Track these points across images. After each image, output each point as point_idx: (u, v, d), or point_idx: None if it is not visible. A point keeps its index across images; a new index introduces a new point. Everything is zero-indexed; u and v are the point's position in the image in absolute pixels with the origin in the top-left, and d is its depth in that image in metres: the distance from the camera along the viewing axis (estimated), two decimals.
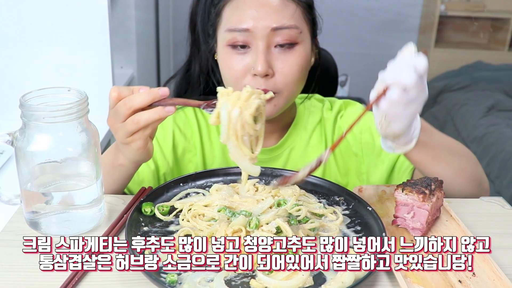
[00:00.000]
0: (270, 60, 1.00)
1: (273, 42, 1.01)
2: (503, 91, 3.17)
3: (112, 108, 0.83)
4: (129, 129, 0.81)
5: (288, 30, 1.00)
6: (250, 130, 0.76)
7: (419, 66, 0.76)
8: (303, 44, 1.04)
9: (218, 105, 0.76)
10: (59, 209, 0.84)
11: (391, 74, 0.78)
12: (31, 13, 1.51)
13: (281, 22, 0.99)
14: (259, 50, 0.99)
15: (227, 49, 1.03)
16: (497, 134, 2.65)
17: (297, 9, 1.02)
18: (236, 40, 1.01)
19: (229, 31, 1.02)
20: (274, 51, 1.01)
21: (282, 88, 1.02)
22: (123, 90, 0.82)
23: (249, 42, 1.01)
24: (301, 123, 1.19)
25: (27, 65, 1.57)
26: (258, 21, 0.99)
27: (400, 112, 0.81)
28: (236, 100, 0.75)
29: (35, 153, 0.80)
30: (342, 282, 0.69)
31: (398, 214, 0.87)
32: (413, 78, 0.76)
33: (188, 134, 1.17)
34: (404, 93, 0.77)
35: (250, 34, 1.00)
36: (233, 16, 1.02)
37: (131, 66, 2.28)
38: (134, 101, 0.80)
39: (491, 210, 0.98)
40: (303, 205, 0.88)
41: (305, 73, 1.07)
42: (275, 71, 1.01)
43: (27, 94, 0.79)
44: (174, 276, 0.69)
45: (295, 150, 1.17)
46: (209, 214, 0.85)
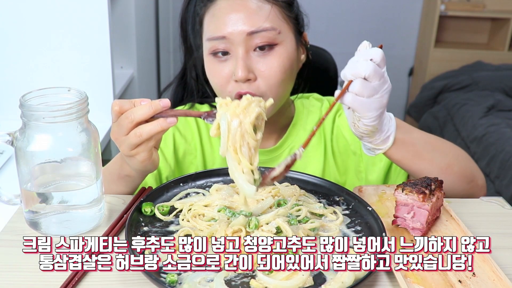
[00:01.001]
0: (250, 64, 1.00)
1: (252, 46, 1.00)
2: (503, 91, 3.17)
3: (114, 122, 0.84)
4: (132, 142, 0.82)
5: (265, 33, 1.00)
6: (250, 140, 0.75)
7: (374, 55, 0.82)
8: (284, 44, 1.03)
9: (218, 116, 0.76)
10: (59, 209, 0.84)
11: (349, 68, 0.82)
12: (31, 13, 1.51)
13: (257, 26, 0.99)
14: (238, 56, 1.00)
15: (210, 58, 1.04)
16: (497, 134, 2.65)
17: (272, 9, 1.02)
18: (216, 48, 1.02)
19: (209, 40, 1.03)
20: (253, 55, 1.01)
21: (266, 90, 1.02)
22: (125, 103, 0.83)
23: (228, 48, 1.01)
24: (300, 123, 1.20)
25: (27, 65, 1.57)
26: (234, 27, 0.99)
27: (366, 104, 0.83)
28: (235, 110, 0.75)
29: (35, 153, 0.80)
30: (342, 282, 0.69)
31: (398, 214, 0.87)
32: (370, 67, 0.80)
33: (188, 136, 1.17)
34: (365, 83, 0.81)
35: (228, 41, 1.00)
36: (211, 25, 1.03)
37: (131, 66, 2.28)
38: (136, 114, 0.80)
39: (491, 210, 0.98)
40: (303, 205, 0.88)
41: (290, 72, 1.06)
42: (256, 75, 1.01)
43: (27, 94, 0.79)
44: (174, 276, 0.69)
45: (294, 150, 1.17)
46: (209, 214, 0.85)
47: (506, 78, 3.22)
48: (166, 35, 2.89)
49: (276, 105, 1.07)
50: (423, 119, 3.35)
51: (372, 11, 3.55)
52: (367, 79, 0.82)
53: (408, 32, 3.66)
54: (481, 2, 3.51)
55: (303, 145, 0.80)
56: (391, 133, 0.92)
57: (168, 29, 2.94)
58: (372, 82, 0.82)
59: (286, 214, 0.82)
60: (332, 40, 3.45)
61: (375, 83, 0.82)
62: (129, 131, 0.82)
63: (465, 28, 3.69)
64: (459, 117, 2.99)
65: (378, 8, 3.55)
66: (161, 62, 2.81)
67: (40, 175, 0.82)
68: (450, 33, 3.69)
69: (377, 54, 0.82)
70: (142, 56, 2.40)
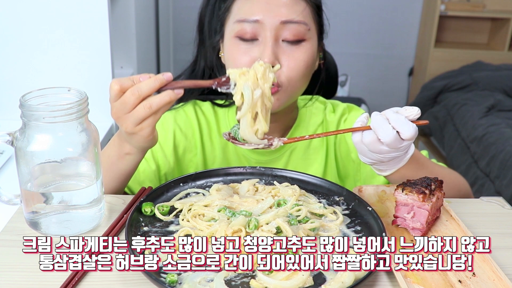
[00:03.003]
0: (277, 52, 1.02)
1: (281, 36, 1.02)
2: (503, 91, 3.17)
3: (115, 101, 0.83)
4: (140, 116, 0.82)
5: (297, 25, 1.02)
6: (267, 102, 0.84)
7: (404, 132, 0.82)
8: (310, 42, 1.05)
9: (239, 86, 0.81)
10: (59, 209, 0.84)
11: (379, 120, 0.83)
12: (31, 13, 1.51)
13: (291, 17, 1.01)
14: (267, 42, 1.01)
15: (235, 40, 1.04)
16: (497, 134, 2.65)
17: (306, 7, 1.04)
18: (245, 31, 1.02)
19: (238, 22, 1.03)
20: (281, 45, 1.02)
21: (286, 82, 1.03)
22: (124, 81, 0.83)
23: (257, 34, 1.02)
24: (303, 125, 1.20)
25: (27, 65, 1.57)
26: (268, 13, 1.00)
27: (366, 153, 0.88)
28: (255, 79, 0.81)
29: (35, 153, 0.80)
30: (342, 282, 0.69)
31: (398, 214, 0.87)
32: (390, 137, 0.82)
33: (189, 134, 1.17)
34: (376, 142, 0.84)
35: (260, 26, 1.01)
36: (243, 8, 1.03)
37: (131, 66, 2.28)
38: (142, 89, 0.81)
39: (491, 210, 0.98)
40: (303, 205, 0.88)
41: (310, 71, 1.08)
42: (281, 64, 1.02)
43: (27, 94, 0.79)
44: (174, 276, 0.69)
45: (296, 151, 1.18)
46: (209, 214, 0.85)
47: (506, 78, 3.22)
48: (166, 35, 2.89)
49: (290, 99, 1.07)
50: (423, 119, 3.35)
51: (372, 11, 3.55)
52: (381, 142, 0.83)
53: (408, 32, 3.66)
54: (481, 2, 3.51)
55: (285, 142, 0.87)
56: (397, 168, 0.92)
57: (168, 29, 2.94)
58: (383, 146, 0.84)
59: (286, 214, 0.82)
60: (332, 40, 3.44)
61: (385, 149, 0.84)
62: (135, 107, 0.82)
63: (465, 28, 3.69)
64: (459, 117, 2.99)
65: (378, 8, 3.55)
66: (161, 62, 2.81)
67: (40, 175, 0.82)
68: (450, 33, 3.69)
69: (407, 133, 0.82)
70: (142, 56, 2.40)
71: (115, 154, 0.95)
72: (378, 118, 0.84)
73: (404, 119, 0.83)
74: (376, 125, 0.83)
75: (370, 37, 3.59)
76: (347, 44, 3.54)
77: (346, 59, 3.50)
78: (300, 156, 1.18)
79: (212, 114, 1.19)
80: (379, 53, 3.64)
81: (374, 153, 0.87)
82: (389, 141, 0.82)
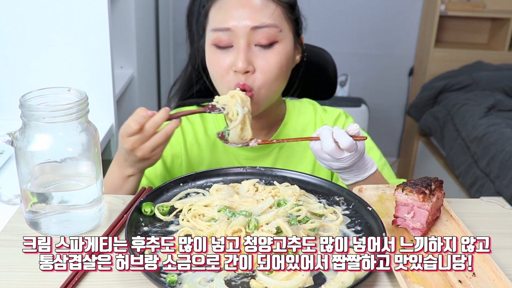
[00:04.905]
0: (251, 57, 1.06)
1: (253, 41, 1.06)
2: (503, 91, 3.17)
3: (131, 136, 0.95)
4: (157, 143, 0.96)
5: (268, 29, 1.05)
6: (249, 116, 1.02)
7: (342, 143, 0.93)
8: (283, 43, 1.08)
9: (231, 107, 0.99)
10: (59, 209, 0.84)
11: (325, 132, 0.94)
12: (31, 13, 1.51)
13: (261, 21, 1.05)
14: (240, 48, 1.05)
15: (212, 48, 1.09)
16: (497, 134, 2.65)
17: (276, 8, 1.07)
18: (220, 39, 1.07)
19: (213, 30, 1.07)
20: (254, 49, 1.06)
21: (261, 84, 1.07)
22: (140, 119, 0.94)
23: (231, 41, 1.06)
24: (291, 123, 1.23)
25: (27, 65, 1.57)
26: (239, 20, 1.04)
27: (317, 158, 0.99)
28: (241, 101, 1.00)
29: (35, 153, 0.80)
30: (342, 282, 0.69)
31: (398, 214, 0.87)
32: (330, 147, 0.93)
33: (173, 141, 1.20)
34: (321, 151, 0.96)
35: (232, 33, 1.05)
36: (217, 16, 1.07)
37: (131, 66, 2.28)
38: (158, 122, 0.95)
39: (491, 210, 0.98)
40: (303, 205, 0.88)
41: (286, 70, 1.11)
42: (255, 68, 1.06)
43: (27, 94, 0.79)
44: (174, 276, 0.69)
45: (284, 149, 1.21)
46: (209, 214, 0.85)
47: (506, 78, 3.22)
48: (166, 35, 2.89)
49: (268, 100, 1.11)
50: (423, 119, 3.35)
51: (372, 11, 3.54)
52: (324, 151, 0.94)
53: (408, 32, 3.65)
54: (481, 2, 3.51)
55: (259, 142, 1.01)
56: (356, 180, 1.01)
57: (168, 29, 2.94)
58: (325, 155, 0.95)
59: (286, 214, 0.82)
60: (331, 39, 3.45)
61: (327, 157, 0.95)
62: (151, 137, 0.95)
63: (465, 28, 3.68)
64: (459, 117, 2.99)
65: (378, 8, 3.54)
66: (161, 62, 2.80)
67: (40, 175, 0.82)
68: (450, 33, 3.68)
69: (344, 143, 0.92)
70: (142, 56, 2.40)
71: (118, 180, 1.04)
72: (324, 131, 0.95)
73: (343, 132, 0.93)
74: (321, 136, 0.95)
75: (370, 37, 3.58)
76: (347, 44, 3.54)
77: (346, 59, 3.50)
78: (289, 153, 1.21)
79: (198, 117, 1.24)
80: (379, 53, 3.63)
81: (323, 160, 0.97)
82: (328, 151, 0.93)
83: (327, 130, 0.95)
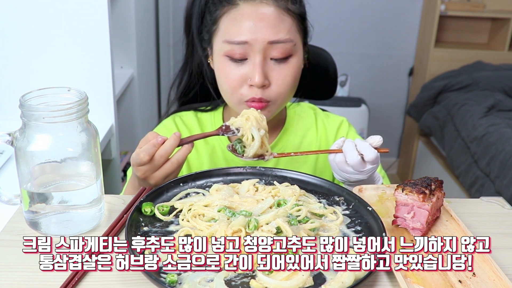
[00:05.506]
0: (267, 71, 1.05)
1: (269, 55, 1.05)
2: (503, 91, 3.17)
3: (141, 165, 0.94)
4: (169, 171, 0.95)
5: (284, 44, 1.05)
6: (266, 135, 0.99)
7: (367, 156, 0.94)
8: (297, 55, 1.09)
9: (247, 129, 0.97)
10: (59, 209, 0.84)
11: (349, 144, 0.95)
12: (31, 13, 1.51)
13: (278, 36, 1.04)
14: (257, 62, 1.04)
15: (224, 59, 1.07)
16: (497, 134, 2.65)
17: (293, 23, 1.06)
18: (234, 52, 1.05)
19: (227, 42, 1.05)
20: (270, 63, 1.06)
21: (276, 97, 1.08)
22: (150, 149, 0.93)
23: (246, 54, 1.05)
24: (291, 129, 1.24)
25: (27, 65, 1.57)
26: (256, 34, 1.03)
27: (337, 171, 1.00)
28: (256, 123, 0.98)
29: (35, 153, 0.80)
30: (342, 282, 0.69)
31: (398, 214, 0.87)
32: (355, 160, 0.94)
33: None
34: (344, 163, 0.96)
35: (248, 46, 1.04)
36: (231, 28, 1.05)
37: (131, 66, 2.28)
38: (168, 151, 0.94)
39: (491, 210, 0.98)
40: (303, 205, 0.88)
41: (297, 80, 1.12)
42: (270, 82, 1.06)
43: (27, 94, 0.79)
44: (174, 276, 0.69)
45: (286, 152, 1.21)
46: (209, 214, 0.85)
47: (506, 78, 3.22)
48: (166, 35, 2.89)
49: (280, 109, 1.12)
50: (423, 119, 3.35)
51: (372, 11, 3.54)
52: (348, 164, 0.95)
53: (408, 32, 3.65)
54: (481, 2, 3.51)
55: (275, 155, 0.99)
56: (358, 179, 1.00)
57: (168, 29, 2.94)
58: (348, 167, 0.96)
59: (286, 214, 0.82)
60: (332, 40, 3.44)
61: (350, 170, 0.96)
62: (162, 165, 0.95)
63: (465, 28, 3.68)
64: (459, 117, 2.99)
65: (378, 8, 3.54)
66: (161, 62, 2.80)
67: (40, 175, 0.82)
68: (450, 33, 3.68)
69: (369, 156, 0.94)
70: (142, 56, 2.40)
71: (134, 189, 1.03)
72: (348, 144, 0.96)
73: (367, 145, 0.94)
74: (345, 149, 0.95)
75: (370, 37, 3.58)
76: (347, 44, 3.53)
77: (346, 59, 3.50)
78: (289, 159, 1.21)
79: (195, 121, 1.23)
80: (379, 53, 3.63)
81: (343, 172, 0.98)
82: (353, 163, 0.94)
83: (350, 143, 0.95)
